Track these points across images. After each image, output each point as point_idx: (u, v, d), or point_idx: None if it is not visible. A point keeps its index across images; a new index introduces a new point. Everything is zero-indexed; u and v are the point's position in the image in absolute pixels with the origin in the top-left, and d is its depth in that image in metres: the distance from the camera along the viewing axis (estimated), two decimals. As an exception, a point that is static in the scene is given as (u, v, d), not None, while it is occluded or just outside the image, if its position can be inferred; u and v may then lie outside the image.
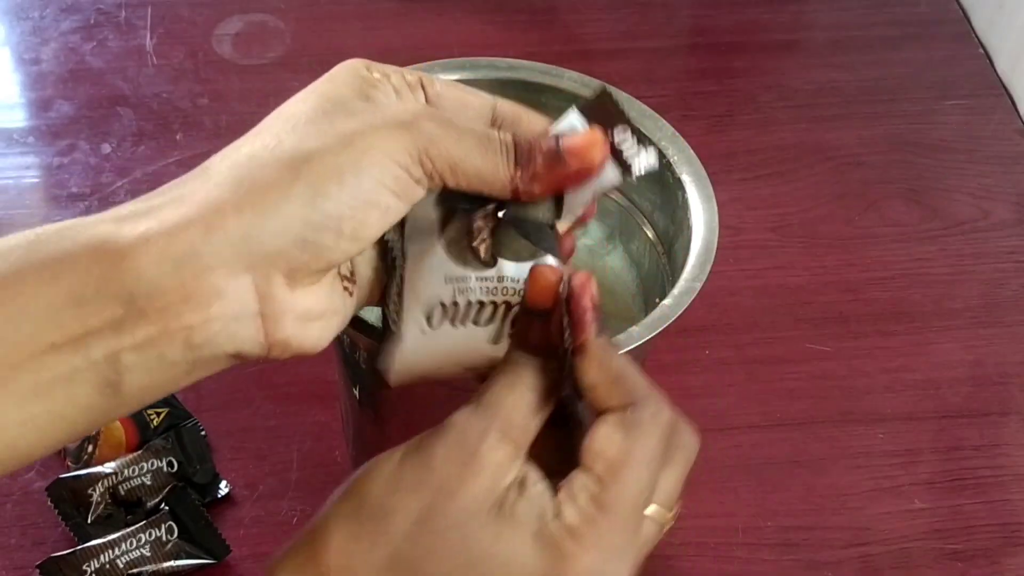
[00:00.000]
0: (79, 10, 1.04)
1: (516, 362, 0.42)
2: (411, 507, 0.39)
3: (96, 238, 0.37)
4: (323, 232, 0.38)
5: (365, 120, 0.40)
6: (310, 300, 0.40)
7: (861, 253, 0.89)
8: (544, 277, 0.42)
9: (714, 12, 1.08)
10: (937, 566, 0.73)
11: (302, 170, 0.38)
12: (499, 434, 0.40)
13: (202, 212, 0.37)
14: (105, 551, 0.68)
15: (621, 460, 0.40)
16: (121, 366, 0.37)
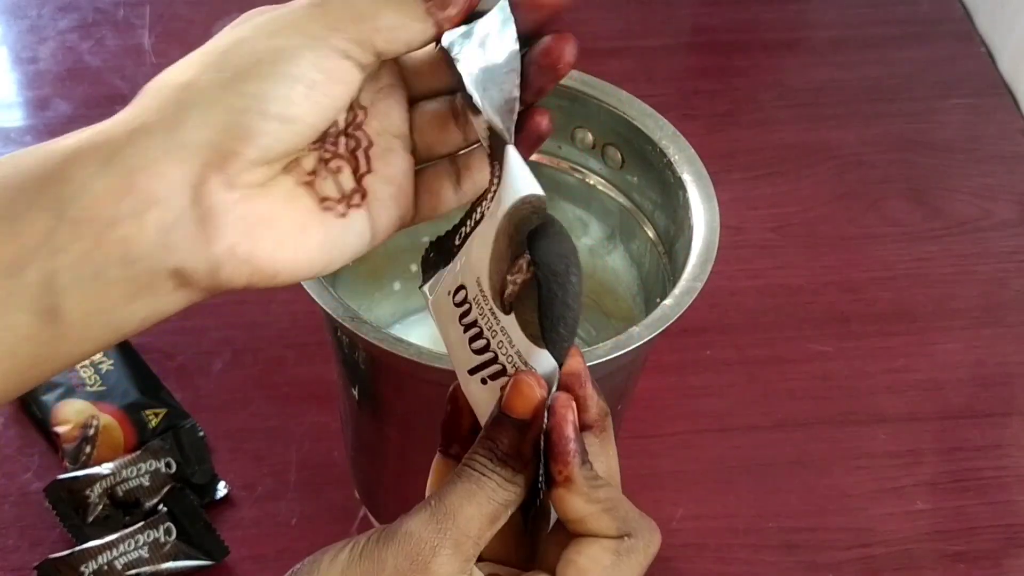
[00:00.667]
0: (77, 8, 1.04)
1: (479, 471, 0.38)
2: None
3: (34, 153, 0.36)
4: (247, 114, 0.37)
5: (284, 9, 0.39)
6: (257, 205, 0.38)
7: (863, 253, 0.89)
8: (527, 387, 0.38)
9: (715, 11, 1.07)
10: (939, 567, 0.72)
11: (220, 61, 0.38)
12: (452, 548, 0.37)
13: (127, 117, 0.37)
14: (103, 552, 0.68)
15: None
16: (58, 286, 0.35)
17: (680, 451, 0.77)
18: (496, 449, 0.38)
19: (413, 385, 0.58)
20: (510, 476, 0.38)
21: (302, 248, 0.40)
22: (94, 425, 0.74)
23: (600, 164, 0.65)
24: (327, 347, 0.70)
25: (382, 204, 0.43)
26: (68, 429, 0.74)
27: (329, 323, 0.57)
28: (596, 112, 0.63)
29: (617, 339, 0.53)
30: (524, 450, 0.38)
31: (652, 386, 0.78)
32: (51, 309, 0.35)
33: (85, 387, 0.76)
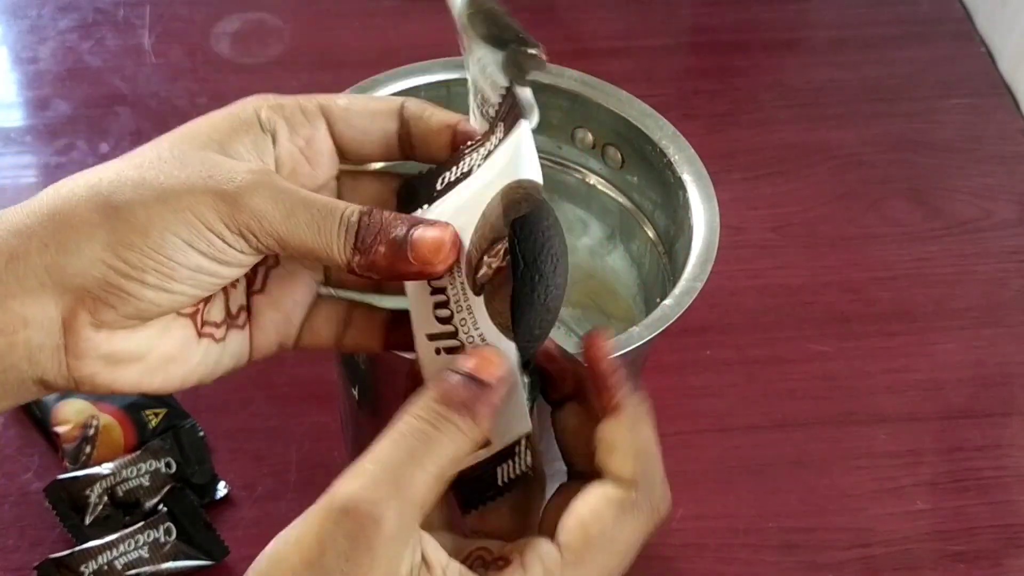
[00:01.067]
0: (77, 9, 1.04)
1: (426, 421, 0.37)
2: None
3: None
4: (124, 279, 0.38)
5: (191, 176, 0.39)
6: (123, 343, 0.40)
7: (863, 253, 0.89)
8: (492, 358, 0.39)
9: (715, 11, 1.07)
10: (939, 567, 0.72)
11: (112, 216, 0.38)
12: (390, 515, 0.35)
13: (9, 239, 0.38)
14: (103, 552, 0.68)
15: (597, 540, 0.38)
16: None
17: (680, 451, 0.77)
18: (451, 398, 0.38)
19: (413, 385, 0.58)
20: (462, 424, 0.37)
21: (170, 376, 0.41)
22: (94, 425, 0.74)
23: (600, 164, 0.65)
24: (327, 347, 0.71)
25: (263, 330, 0.44)
26: (68, 429, 0.74)
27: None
28: (596, 112, 0.63)
29: (617, 339, 0.53)
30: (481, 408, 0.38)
31: (652, 386, 0.77)
32: None
33: (85, 387, 0.76)
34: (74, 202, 0.38)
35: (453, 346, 0.40)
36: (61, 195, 0.39)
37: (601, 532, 0.38)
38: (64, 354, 0.39)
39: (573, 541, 0.38)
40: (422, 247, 0.39)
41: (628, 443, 0.39)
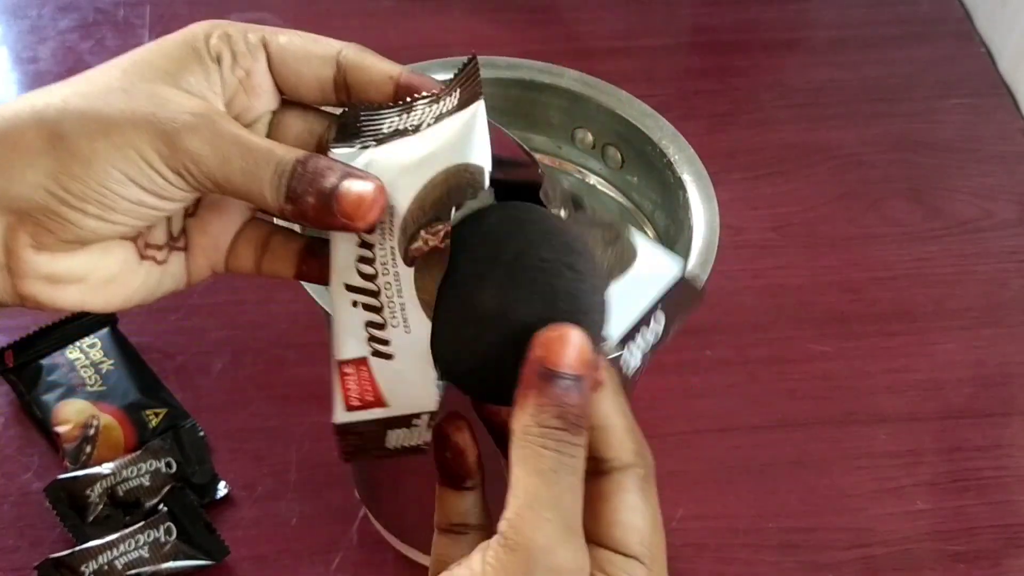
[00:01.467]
0: (77, 9, 1.04)
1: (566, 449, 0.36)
2: None
3: None
4: (65, 207, 0.39)
5: (136, 112, 0.39)
6: (63, 265, 0.40)
7: (863, 253, 0.89)
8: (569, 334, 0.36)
9: (715, 11, 1.07)
10: (939, 567, 0.72)
11: (56, 145, 0.39)
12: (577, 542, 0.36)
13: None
14: (103, 552, 0.68)
15: (652, 530, 0.38)
16: None
17: (680, 451, 0.77)
18: (567, 416, 0.36)
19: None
20: (583, 441, 0.36)
21: (112, 296, 0.42)
22: (94, 425, 0.74)
23: (600, 164, 0.65)
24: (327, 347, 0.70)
25: (196, 254, 0.44)
26: (68, 429, 0.74)
27: (329, 323, 0.57)
28: (596, 112, 0.63)
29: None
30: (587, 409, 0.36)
31: (652, 386, 0.78)
32: None
33: (85, 387, 0.76)
34: (20, 126, 0.39)
35: (373, 305, 0.40)
36: (6, 117, 0.40)
37: (649, 524, 0.38)
38: (7, 273, 0.40)
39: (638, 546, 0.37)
40: (346, 202, 0.38)
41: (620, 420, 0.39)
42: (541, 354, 0.36)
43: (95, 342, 0.78)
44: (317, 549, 0.71)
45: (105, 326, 0.79)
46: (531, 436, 0.36)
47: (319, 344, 0.80)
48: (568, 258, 0.37)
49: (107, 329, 0.79)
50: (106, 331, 0.79)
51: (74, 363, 0.77)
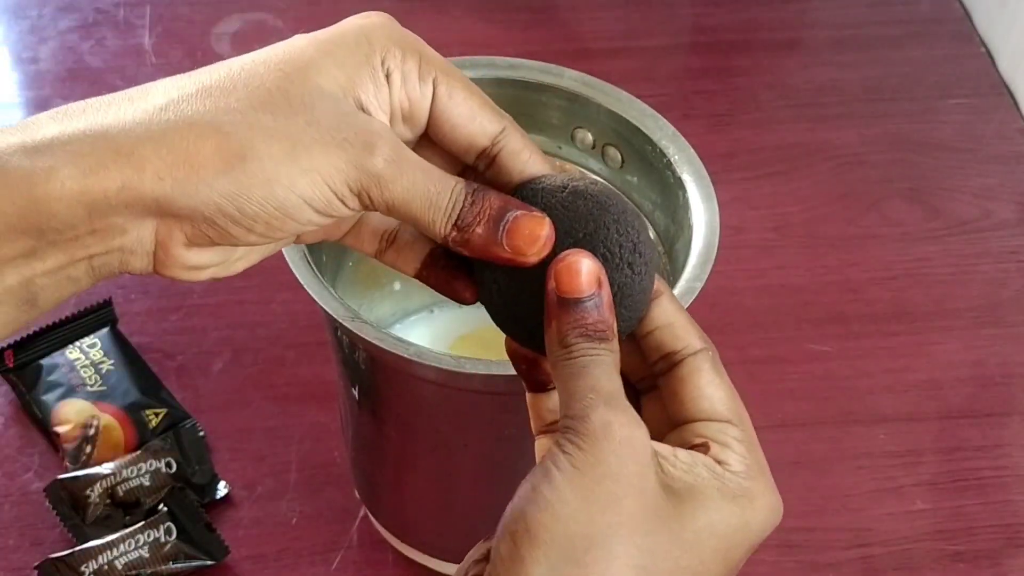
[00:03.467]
0: (77, 9, 1.04)
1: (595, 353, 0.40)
2: (619, 523, 0.38)
3: (11, 173, 0.38)
4: (234, 225, 0.39)
5: (325, 137, 0.39)
6: (204, 257, 0.41)
7: (862, 253, 0.89)
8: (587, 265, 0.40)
9: (715, 10, 1.07)
10: (939, 567, 0.72)
11: (237, 166, 0.38)
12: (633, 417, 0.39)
13: (121, 163, 0.38)
14: (103, 552, 0.68)
15: (733, 397, 0.42)
16: (35, 287, 0.39)
17: (680, 451, 0.77)
18: (588, 330, 0.40)
19: (413, 385, 0.58)
20: (611, 346, 0.40)
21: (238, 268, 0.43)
22: (94, 425, 0.74)
23: (600, 164, 0.65)
24: (327, 347, 0.70)
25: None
26: (68, 429, 0.74)
27: (329, 323, 0.57)
28: (596, 112, 0.63)
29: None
30: (608, 319, 0.40)
31: (652, 386, 0.78)
32: (29, 300, 0.40)
33: (85, 387, 0.76)
34: (194, 134, 0.38)
35: None
36: (182, 118, 0.39)
37: (729, 391, 0.42)
38: (152, 260, 0.40)
39: (727, 411, 0.42)
40: (518, 237, 0.40)
41: (681, 316, 0.42)
42: (553, 285, 0.40)
43: (95, 342, 0.78)
44: (317, 549, 0.71)
45: (105, 326, 0.79)
46: (559, 355, 0.40)
47: (319, 344, 0.80)
48: (631, 256, 0.41)
49: (107, 329, 0.79)
50: (106, 331, 0.79)
51: (74, 363, 0.77)
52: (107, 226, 0.39)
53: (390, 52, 0.42)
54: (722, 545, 0.40)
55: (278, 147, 0.38)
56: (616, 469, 0.38)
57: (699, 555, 0.39)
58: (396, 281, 0.73)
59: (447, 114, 0.42)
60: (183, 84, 0.41)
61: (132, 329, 0.80)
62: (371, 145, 0.39)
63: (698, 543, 0.39)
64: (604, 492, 0.38)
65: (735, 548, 0.41)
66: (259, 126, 0.38)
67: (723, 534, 0.40)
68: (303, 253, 0.55)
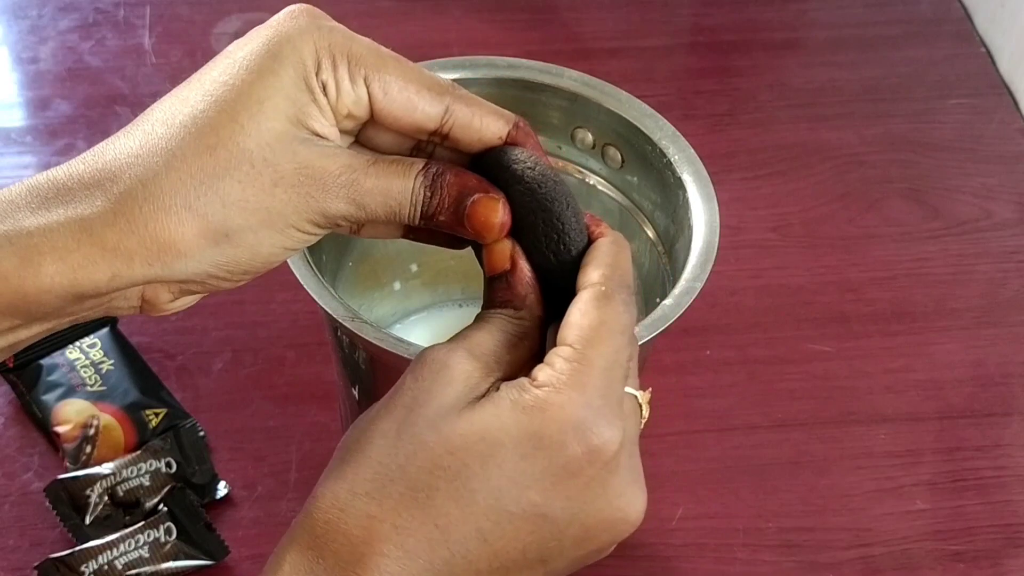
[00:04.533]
0: (77, 9, 1.04)
1: (484, 315, 0.44)
2: (386, 427, 0.41)
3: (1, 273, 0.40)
4: (221, 282, 0.43)
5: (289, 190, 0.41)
6: (187, 301, 0.44)
7: (862, 253, 0.89)
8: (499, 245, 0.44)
9: (715, 11, 1.07)
10: (939, 567, 0.72)
11: (220, 242, 0.41)
12: (465, 353, 0.41)
13: (108, 258, 0.40)
14: (103, 552, 0.68)
15: (596, 327, 0.41)
16: (19, 346, 0.43)
17: (680, 451, 0.77)
18: (494, 301, 0.44)
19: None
20: (513, 312, 0.43)
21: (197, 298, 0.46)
22: (94, 425, 0.74)
23: (600, 164, 0.65)
24: (327, 347, 0.70)
25: None
26: (68, 429, 0.74)
27: (329, 323, 0.57)
28: (596, 112, 0.63)
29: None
30: (517, 291, 0.43)
31: (652, 386, 0.78)
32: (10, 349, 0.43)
33: (85, 387, 0.76)
34: (175, 225, 0.40)
35: None
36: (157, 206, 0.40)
37: (591, 321, 0.41)
38: (137, 309, 0.43)
39: (574, 336, 0.41)
40: (474, 223, 0.43)
41: (593, 256, 0.44)
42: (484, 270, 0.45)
43: (95, 342, 0.78)
44: (317, 549, 0.71)
45: (105, 326, 0.79)
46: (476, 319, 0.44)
47: (319, 344, 0.80)
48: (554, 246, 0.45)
49: (107, 329, 0.79)
50: (106, 331, 0.79)
51: (74, 363, 0.77)
52: (95, 303, 0.42)
53: (322, 64, 0.43)
54: (496, 451, 0.39)
55: (255, 218, 0.41)
56: (405, 385, 0.41)
57: (462, 459, 0.39)
58: (396, 281, 0.73)
59: (386, 110, 0.44)
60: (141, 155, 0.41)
61: (132, 329, 0.80)
62: (327, 187, 0.42)
63: (464, 448, 0.39)
64: (385, 405, 0.41)
65: (518, 458, 0.39)
66: (231, 200, 0.41)
67: (498, 440, 0.39)
68: (303, 253, 0.55)
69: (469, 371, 0.41)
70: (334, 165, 0.42)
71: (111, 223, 0.40)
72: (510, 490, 0.39)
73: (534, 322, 0.43)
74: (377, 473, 0.40)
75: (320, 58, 0.42)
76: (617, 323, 0.42)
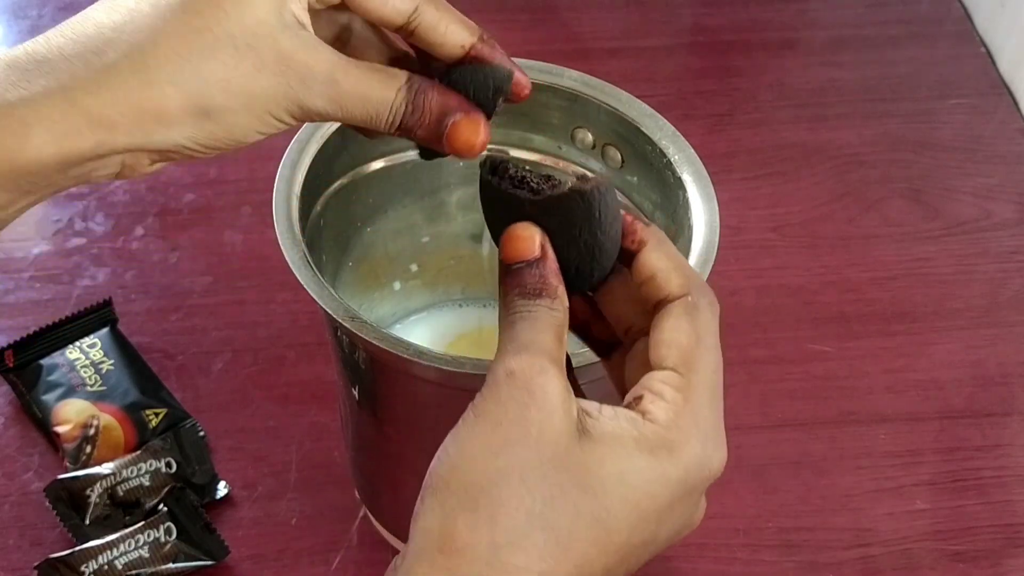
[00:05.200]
0: (77, 9, 1.03)
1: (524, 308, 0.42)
2: (506, 467, 0.39)
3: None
4: (197, 153, 0.44)
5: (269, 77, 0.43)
6: (162, 166, 0.45)
7: (862, 253, 0.89)
8: (527, 231, 0.43)
9: (715, 11, 1.07)
10: (939, 567, 0.72)
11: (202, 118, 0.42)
12: (552, 366, 0.40)
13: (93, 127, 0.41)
14: (103, 552, 0.68)
15: (694, 346, 0.41)
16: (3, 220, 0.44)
17: (680, 451, 0.77)
18: (525, 289, 0.43)
19: (413, 385, 0.58)
20: (550, 303, 0.42)
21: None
22: (94, 425, 0.74)
23: (600, 164, 0.65)
24: (327, 347, 0.70)
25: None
26: (68, 429, 0.74)
27: (329, 323, 0.57)
28: (596, 112, 0.63)
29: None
30: (549, 280, 0.43)
31: (652, 386, 0.78)
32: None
33: (85, 387, 0.76)
34: (159, 97, 0.42)
35: None
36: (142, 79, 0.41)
37: (689, 338, 0.41)
38: (115, 175, 0.44)
39: (675, 358, 0.41)
40: (456, 143, 0.44)
41: (663, 263, 0.43)
42: (501, 256, 0.44)
43: (95, 342, 0.78)
44: (317, 549, 0.71)
45: (105, 326, 0.79)
46: (503, 313, 0.43)
47: (319, 344, 0.80)
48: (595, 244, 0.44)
49: (107, 329, 0.79)
50: (106, 331, 0.79)
51: (74, 363, 0.77)
52: (79, 171, 0.43)
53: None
54: (632, 495, 0.40)
55: (235, 100, 0.42)
56: (515, 414, 0.39)
57: (604, 503, 0.39)
58: (396, 281, 0.73)
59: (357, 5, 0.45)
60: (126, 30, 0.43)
61: (132, 329, 0.81)
62: (308, 82, 0.43)
63: (603, 491, 0.39)
64: (499, 437, 0.39)
65: (649, 498, 0.40)
66: (214, 79, 0.42)
67: (634, 484, 0.40)
68: (303, 253, 0.55)
69: (561, 388, 0.40)
70: (316, 60, 0.43)
71: (94, 93, 0.41)
72: (641, 525, 0.40)
73: (565, 313, 0.43)
74: (516, 521, 0.38)
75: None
76: (711, 337, 0.42)
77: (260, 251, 0.86)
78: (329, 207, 0.63)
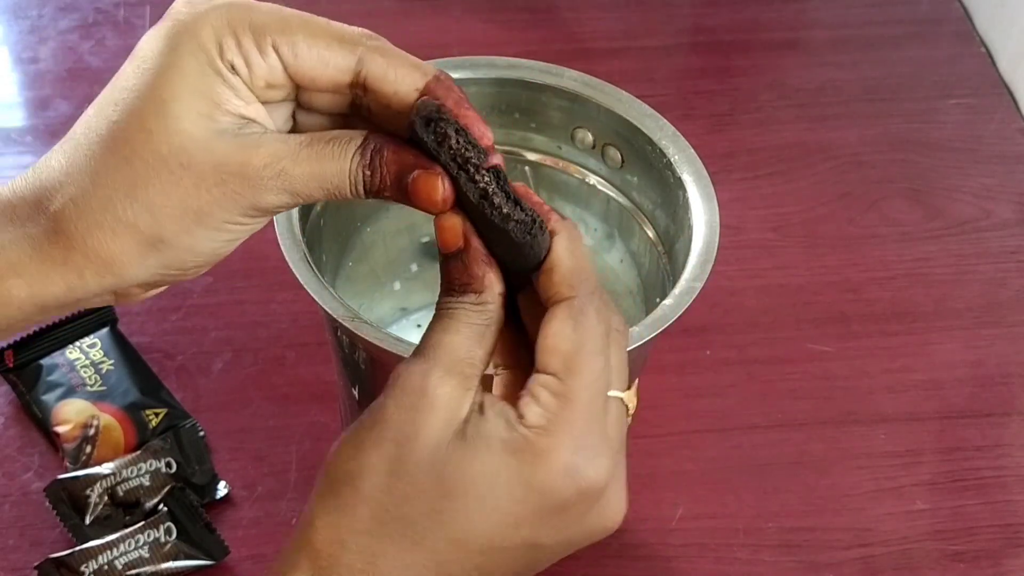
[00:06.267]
0: (77, 9, 1.04)
1: (448, 307, 0.42)
2: (376, 463, 0.40)
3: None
4: (176, 278, 0.44)
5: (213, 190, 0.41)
6: (159, 290, 0.45)
7: (862, 253, 0.89)
8: (449, 222, 0.42)
9: (715, 11, 1.07)
10: (939, 567, 0.72)
11: (160, 248, 0.42)
12: (442, 371, 0.40)
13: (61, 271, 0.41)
14: (103, 552, 0.68)
15: (575, 351, 0.40)
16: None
17: (680, 451, 0.77)
18: (452, 284, 0.42)
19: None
20: (475, 299, 0.42)
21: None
22: (94, 425, 0.74)
23: (600, 164, 0.65)
24: (327, 347, 0.70)
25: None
26: (68, 429, 0.74)
27: (329, 323, 0.57)
28: (596, 112, 0.63)
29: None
30: (474, 272, 0.42)
31: (652, 386, 0.78)
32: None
33: (85, 387, 0.76)
34: (110, 239, 0.41)
35: None
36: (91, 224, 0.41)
37: (570, 344, 0.41)
38: (113, 302, 0.44)
39: (556, 363, 0.41)
40: (419, 199, 0.42)
41: (564, 260, 0.42)
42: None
43: (95, 342, 0.78)
44: (317, 549, 0.71)
45: (105, 326, 0.79)
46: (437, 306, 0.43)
47: (319, 344, 0.80)
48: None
49: (107, 329, 0.79)
50: (106, 331, 0.79)
51: (74, 363, 0.77)
52: (61, 312, 0.43)
53: (224, 45, 0.42)
54: (491, 497, 0.39)
55: (185, 222, 0.41)
56: (389, 415, 0.40)
57: (460, 504, 0.39)
58: (396, 281, 0.73)
59: (300, 72, 0.43)
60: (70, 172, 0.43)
61: (132, 329, 0.80)
62: (254, 182, 0.41)
63: (462, 492, 0.39)
64: (371, 436, 0.40)
65: (511, 502, 0.40)
66: (157, 207, 0.41)
67: (492, 486, 0.39)
68: (303, 253, 0.55)
69: (449, 394, 0.40)
70: (257, 157, 0.41)
71: (54, 241, 0.41)
72: (504, 530, 0.40)
73: (497, 303, 0.42)
74: (374, 512, 0.40)
75: (221, 39, 0.41)
76: (595, 343, 0.41)
77: (260, 251, 0.85)
78: (329, 207, 0.63)
